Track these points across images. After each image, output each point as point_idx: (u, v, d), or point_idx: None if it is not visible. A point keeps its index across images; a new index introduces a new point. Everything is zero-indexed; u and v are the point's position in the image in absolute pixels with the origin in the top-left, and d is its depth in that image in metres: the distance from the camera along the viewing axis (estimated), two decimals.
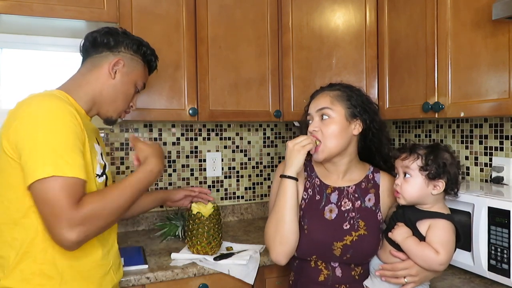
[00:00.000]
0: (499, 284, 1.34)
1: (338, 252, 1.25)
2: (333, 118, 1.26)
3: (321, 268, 1.29)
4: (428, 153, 1.19)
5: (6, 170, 1.07)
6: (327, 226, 1.27)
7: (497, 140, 1.74)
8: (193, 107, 1.86)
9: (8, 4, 1.59)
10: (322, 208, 1.31)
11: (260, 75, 1.99)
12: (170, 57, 1.83)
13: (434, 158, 1.17)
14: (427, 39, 1.60)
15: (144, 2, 1.78)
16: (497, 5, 1.24)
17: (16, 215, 1.07)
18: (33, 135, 1.03)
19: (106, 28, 1.29)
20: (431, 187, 1.18)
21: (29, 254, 1.07)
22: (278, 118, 2.02)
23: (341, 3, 1.92)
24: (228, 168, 2.35)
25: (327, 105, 1.27)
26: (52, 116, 1.06)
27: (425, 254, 1.15)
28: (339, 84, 1.37)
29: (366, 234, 1.25)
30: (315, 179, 1.36)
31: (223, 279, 1.58)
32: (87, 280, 1.15)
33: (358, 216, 1.28)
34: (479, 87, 1.41)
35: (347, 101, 1.28)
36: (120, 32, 1.30)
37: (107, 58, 1.26)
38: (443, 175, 1.17)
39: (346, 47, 1.92)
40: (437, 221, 1.18)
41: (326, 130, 1.25)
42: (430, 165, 1.17)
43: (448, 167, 1.17)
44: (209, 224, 1.62)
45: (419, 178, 1.18)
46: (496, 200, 1.33)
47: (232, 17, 1.93)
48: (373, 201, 1.30)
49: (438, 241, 1.15)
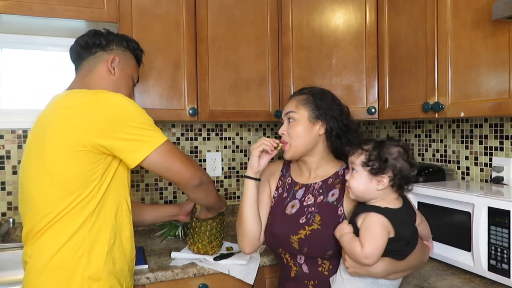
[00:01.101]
0: (499, 284, 1.34)
1: (296, 245, 1.30)
2: (298, 120, 1.35)
3: (290, 265, 1.36)
4: (373, 148, 1.17)
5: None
6: (285, 220, 1.35)
7: (497, 140, 1.74)
8: (193, 107, 1.86)
9: (8, 4, 1.59)
10: (286, 204, 1.39)
11: (260, 75, 1.99)
12: (170, 57, 1.83)
13: (377, 154, 1.15)
14: (427, 39, 1.60)
15: (144, 2, 1.78)
16: (497, 5, 1.24)
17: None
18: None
19: (92, 31, 1.35)
20: (375, 182, 1.16)
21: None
22: (278, 118, 2.02)
23: (341, 3, 1.92)
24: (228, 168, 2.35)
25: (293, 109, 1.37)
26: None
27: (351, 248, 1.13)
28: (308, 88, 1.44)
29: (319, 228, 1.28)
30: (287, 178, 1.45)
31: (223, 279, 1.59)
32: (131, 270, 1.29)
33: (316, 211, 1.32)
34: (479, 87, 1.41)
35: (311, 104, 1.36)
36: (106, 32, 1.36)
37: (103, 57, 1.31)
38: (386, 170, 1.14)
39: (346, 47, 1.92)
40: (368, 214, 1.15)
41: (291, 131, 1.36)
42: (373, 160, 1.15)
43: (392, 162, 1.14)
44: (212, 223, 1.62)
45: (363, 173, 1.17)
46: (496, 200, 1.33)
47: (232, 17, 1.93)
48: (336, 196, 1.32)
49: (363, 234, 1.13)
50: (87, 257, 1.15)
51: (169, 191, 2.22)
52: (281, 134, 1.38)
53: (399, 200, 1.20)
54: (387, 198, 1.18)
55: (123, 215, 1.26)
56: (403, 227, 1.15)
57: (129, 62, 1.39)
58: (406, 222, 1.18)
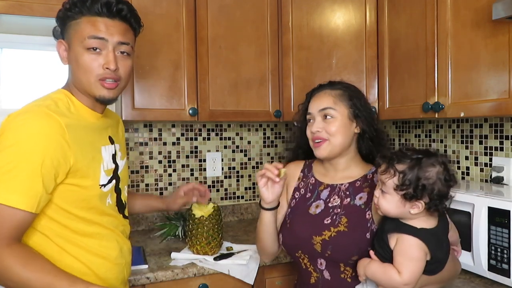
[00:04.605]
0: (499, 284, 1.34)
1: (318, 247, 1.23)
2: (337, 118, 1.27)
3: (310, 271, 1.29)
4: (408, 169, 1.03)
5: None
6: (309, 220, 1.29)
7: (497, 140, 1.74)
8: (193, 107, 1.86)
9: (8, 4, 1.59)
10: (309, 204, 1.32)
11: (260, 75, 1.99)
12: (170, 57, 1.83)
13: (412, 178, 1.02)
14: (427, 39, 1.60)
15: (144, 2, 1.78)
16: (497, 5, 1.24)
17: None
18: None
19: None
20: (408, 206, 1.04)
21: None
22: (278, 118, 2.02)
23: (341, 3, 1.92)
24: (228, 168, 2.35)
25: (330, 105, 1.27)
26: (20, 141, 1.00)
27: (387, 276, 1.05)
28: (339, 82, 1.36)
29: (345, 231, 1.21)
30: (310, 178, 1.38)
31: (223, 279, 1.58)
32: (104, 280, 1.16)
33: (342, 212, 1.25)
34: (479, 87, 1.41)
35: (349, 101, 1.28)
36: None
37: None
38: (422, 196, 1.02)
39: (346, 47, 1.92)
40: (403, 236, 1.04)
41: (330, 128, 1.26)
42: (407, 185, 1.02)
43: (429, 187, 1.01)
44: (208, 225, 1.62)
45: (395, 196, 1.04)
46: (496, 200, 1.33)
47: (232, 17, 1.93)
48: (364, 200, 1.26)
49: (399, 260, 1.04)
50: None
51: (169, 191, 2.22)
52: (316, 132, 1.28)
53: (435, 215, 1.08)
54: (422, 217, 1.06)
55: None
56: (439, 249, 1.06)
57: (74, 33, 1.12)
58: (441, 242, 1.08)
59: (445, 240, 1.10)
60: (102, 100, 1.16)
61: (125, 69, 1.16)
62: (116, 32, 1.12)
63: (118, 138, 1.33)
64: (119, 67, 1.13)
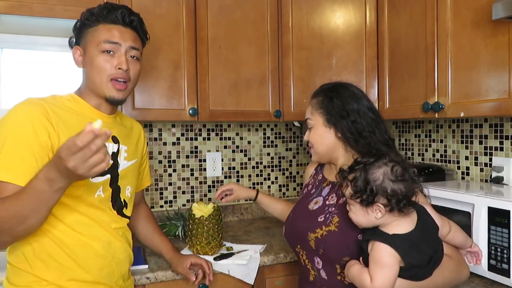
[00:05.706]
0: (499, 284, 1.34)
1: (313, 244, 1.25)
2: (314, 126, 1.32)
3: (308, 268, 1.31)
4: (356, 176, 1.03)
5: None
6: (306, 215, 1.32)
7: (497, 140, 1.74)
8: (193, 107, 1.86)
9: (8, 4, 1.59)
10: (311, 199, 1.35)
11: (260, 75, 1.99)
12: (170, 57, 1.83)
13: (361, 183, 1.01)
14: (427, 39, 1.60)
15: (144, 2, 1.78)
16: (497, 5, 1.24)
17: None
18: None
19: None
20: (371, 212, 1.03)
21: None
22: (278, 118, 2.02)
23: (341, 3, 1.92)
24: (228, 168, 2.35)
25: (308, 115, 1.34)
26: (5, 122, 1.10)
27: (360, 281, 1.04)
28: (326, 85, 1.35)
29: (335, 231, 1.21)
30: (319, 175, 1.42)
31: (223, 279, 1.59)
32: (84, 268, 1.18)
33: (336, 211, 1.24)
34: (479, 87, 1.41)
35: (321, 109, 1.30)
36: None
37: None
38: (377, 198, 1.00)
39: (346, 47, 1.92)
40: (375, 243, 1.03)
41: (311, 138, 1.34)
42: (359, 192, 1.02)
43: (380, 188, 1.00)
44: (208, 225, 1.62)
45: (357, 206, 1.05)
46: (496, 200, 1.33)
47: (232, 17, 1.93)
48: None
49: (371, 266, 1.02)
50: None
51: (169, 191, 2.22)
52: (306, 140, 1.37)
53: (413, 217, 1.05)
54: (396, 220, 1.03)
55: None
56: (412, 255, 1.02)
57: (91, 39, 1.23)
58: (417, 247, 1.03)
59: (425, 243, 1.05)
60: (112, 100, 1.24)
61: (134, 71, 1.27)
62: (129, 38, 1.25)
63: (129, 142, 1.36)
64: (130, 69, 1.25)
